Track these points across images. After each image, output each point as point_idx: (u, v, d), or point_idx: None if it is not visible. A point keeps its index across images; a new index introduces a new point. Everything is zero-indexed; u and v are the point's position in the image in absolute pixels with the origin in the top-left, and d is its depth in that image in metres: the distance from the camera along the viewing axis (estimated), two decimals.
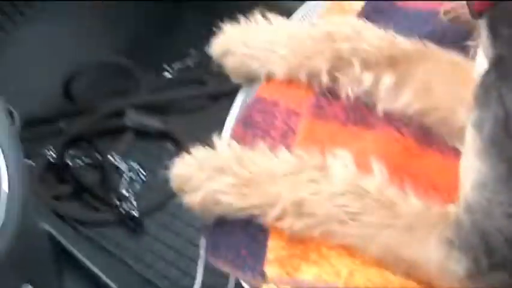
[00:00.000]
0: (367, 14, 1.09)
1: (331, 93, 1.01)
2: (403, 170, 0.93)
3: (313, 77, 1.00)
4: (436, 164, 0.94)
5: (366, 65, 0.97)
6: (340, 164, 0.87)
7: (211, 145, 0.93)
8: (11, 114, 1.12)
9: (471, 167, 0.76)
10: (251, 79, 1.05)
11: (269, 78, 1.03)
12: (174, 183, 0.91)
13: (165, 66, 1.85)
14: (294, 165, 0.88)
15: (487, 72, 0.75)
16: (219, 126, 1.08)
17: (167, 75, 1.84)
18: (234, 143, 0.94)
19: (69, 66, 1.80)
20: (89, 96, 1.80)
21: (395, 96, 0.97)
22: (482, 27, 0.77)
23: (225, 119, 1.06)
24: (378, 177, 0.86)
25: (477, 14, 0.76)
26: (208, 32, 1.11)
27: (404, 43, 0.98)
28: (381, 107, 0.98)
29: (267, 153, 0.91)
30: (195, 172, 0.90)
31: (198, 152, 0.93)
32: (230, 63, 1.05)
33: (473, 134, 0.76)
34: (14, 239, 0.95)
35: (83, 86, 1.79)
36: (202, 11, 1.97)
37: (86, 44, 1.91)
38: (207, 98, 1.75)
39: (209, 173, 0.89)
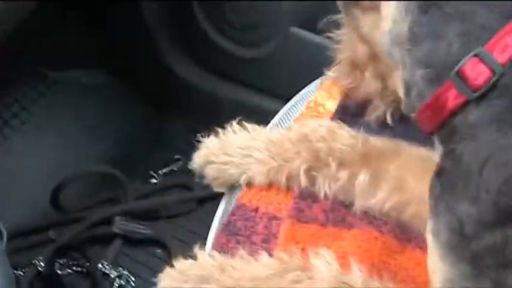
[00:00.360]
0: (340, 116, 1.14)
1: (310, 195, 1.04)
2: (384, 267, 0.95)
3: (292, 178, 1.04)
4: (415, 259, 0.96)
5: (342, 163, 1.01)
6: (323, 262, 0.89)
7: (195, 254, 0.96)
8: None
9: (436, 267, 0.79)
10: (232, 186, 1.08)
11: (249, 183, 1.06)
12: None
13: (151, 172, 1.88)
14: (277, 267, 0.90)
15: (433, 185, 0.80)
16: (206, 229, 1.10)
17: (153, 181, 1.87)
18: (215, 252, 0.97)
19: (56, 176, 1.82)
20: (77, 205, 1.82)
21: (371, 192, 1.00)
22: (435, 141, 0.83)
23: (212, 222, 1.09)
24: (358, 274, 0.88)
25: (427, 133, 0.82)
26: (191, 137, 1.16)
27: (376, 141, 1.03)
28: (358, 204, 1.01)
29: (249, 259, 0.93)
30: (180, 285, 0.92)
31: (182, 264, 0.96)
32: (211, 173, 1.08)
33: (432, 240, 0.79)
34: None
35: (70, 196, 1.81)
36: (185, 117, 2.02)
37: (73, 154, 1.94)
38: (193, 203, 1.78)
39: (193, 284, 0.91)
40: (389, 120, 1.06)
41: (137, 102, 2.13)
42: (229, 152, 1.07)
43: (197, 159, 1.10)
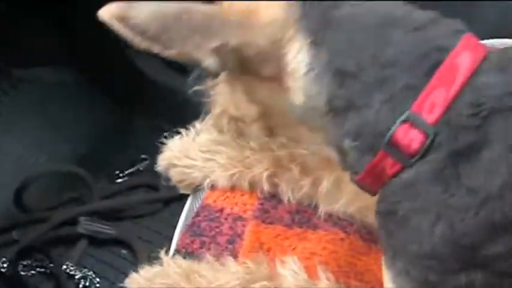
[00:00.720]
0: None
1: (275, 196, 1.03)
2: (350, 268, 0.95)
3: (255, 184, 1.03)
4: (381, 260, 0.96)
5: (304, 168, 1.00)
6: (290, 272, 0.89)
7: (160, 259, 0.95)
8: None
9: None
10: (197, 188, 1.07)
11: (213, 186, 1.06)
12: None
13: (117, 172, 1.86)
14: (243, 276, 0.89)
15: (380, 224, 0.78)
16: (172, 230, 1.09)
17: (119, 181, 1.85)
18: (179, 257, 0.96)
19: (20, 175, 1.80)
20: (41, 205, 1.79)
21: (335, 197, 0.99)
22: None
23: (177, 223, 1.08)
24: (326, 282, 0.87)
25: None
26: (158, 137, 1.15)
27: None
28: (322, 208, 1.00)
29: (214, 265, 0.92)
30: None
31: (147, 271, 0.95)
32: (175, 176, 1.08)
33: (385, 272, 0.79)
34: None
35: (34, 195, 1.79)
36: (152, 116, 2.00)
37: (37, 153, 1.92)
38: (159, 203, 1.76)
39: None
40: None
41: (103, 100, 2.11)
42: (191, 155, 1.07)
43: (161, 162, 1.10)
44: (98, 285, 1.65)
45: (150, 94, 2.02)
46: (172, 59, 0.77)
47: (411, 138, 0.71)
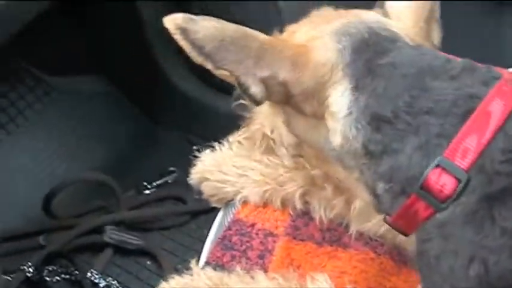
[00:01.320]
0: None
1: (307, 213, 1.04)
2: None
3: (287, 201, 1.04)
4: (411, 282, 0.96)
5: (337, 187, 1.01)
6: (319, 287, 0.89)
7: (190, 269, 0.95)
8: None
9: None
10: (228, 202, 1.08)
11: (245, 202, 1.06)
12: None
13: (145, 183, 1.87)
14: None
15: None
16: (198, 243, 1.10)
17: (147, 192, 1.86)
18: (209, 269, 0.96)
19: (50, 182, 1.82)
20: (69, 212, 1.81)
21: (366, 216, 0.99)
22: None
23: (204, 236, 1.09)
24: None
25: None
26: (186, 149, 1.15)
27: None
28: (354, 227, 1.01)
29: (244, 278, 0.93)
30: None
31: (177, 281, 0.95)
32: (207, 190, 1.09)
33: None
34: None
35: (63, 202, 1.80)
36: (180, 129, 2.02)
37: (67, 161, 1.94)
38: (187, 215, 1.77)
39: None
40: None
41: (133, 111, 2.13)
42: (224, 169, 1.08)
43: (194, 175, 1.10)
44: None
45: (181, 106, 2.03)
46: (220, 77, 0.80)
47: (443, 183, 0.72)
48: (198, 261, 1.02)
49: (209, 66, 0.77)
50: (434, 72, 0.76)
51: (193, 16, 0.77)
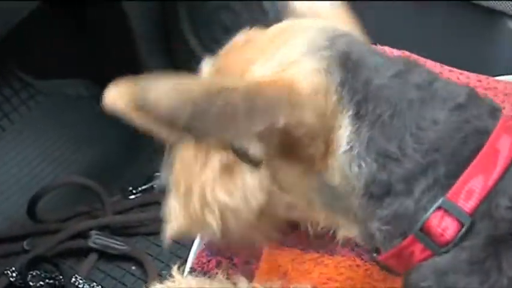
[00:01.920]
0: None
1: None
2: None
3: None
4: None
5: None
6: None
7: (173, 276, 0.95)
8: None
9: None
10: None
11: None
12: None
13: (130, 188, 1.86)
14: None
15: None
16: (184, 249, 1.09)
17: (132, 197, 1.85)
18: (190, 276, 0.95)
19: (34, 186, 1.81)
20: (54, 216, 1.79)
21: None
22: None
23: (189, 242, 1.08)
24: None
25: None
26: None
27: None
28: (340, 234, 1.00)
29: (225, 284, 0.92)
30: None
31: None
32: None
33: None
34: None
35: (48, 206, 1.79)
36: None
37: (52, 165, 1.93)
38: None
39: None
40: None
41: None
42: None
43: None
44: None
45: None
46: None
47: (445, 227, 0.67)
48: (183, 267, 1.01)
49: (190, 139, 0.65)
50: (438, 97, 0.69)
51: (141, 82, 0.63)
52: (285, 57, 0.69)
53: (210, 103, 0.61)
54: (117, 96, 0.63)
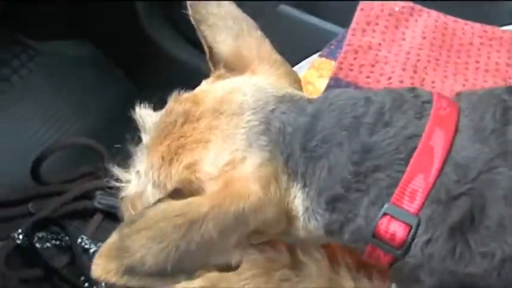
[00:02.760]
0: None
1: None
2: (370, 265, 0.94)
3: None
4: None
5: None
6: (312, 259, 0.88)
7: None
8: None
9: None
10: None
11: None
12: None
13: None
14: (264, 265, 0.88)
15: None
16: None
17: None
18: None
19: (37, 148, 1.80)
20: (58, 178, 1.79)
21: None
22: None
23: None
24: (345, 269, 0.87)
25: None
26: None
27: None
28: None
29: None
30: None
31: None
32: None
33: None
34: None
35: (51, 168, 1.79)
36: (166, 92, 1.99)
37: (54, 127, 1.93)
38: None
39: None
40: None
41: (119, 75, 2.11)
42: None
43: None
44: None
45: (167, 69, 2.02)
46: None
47: (393, 230, 0.72)
48: None
49: (183, 279, 0.69)
50: (367, 127, 0.75)
51: (118, 246, 0.66)
52: (229, 156, 0.75)
53: (188, 242, 0.66)
54: (104, 271, 0.65)
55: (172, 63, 1.97)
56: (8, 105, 1.94)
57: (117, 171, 0.94)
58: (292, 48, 1.31)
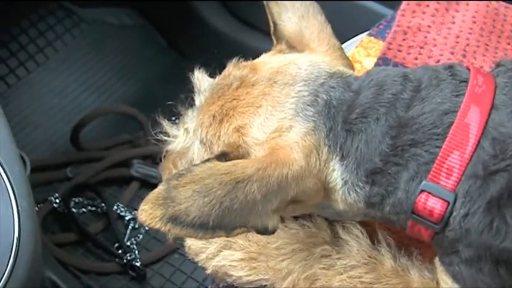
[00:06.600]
0: None
1: None
2: (412, 243, 0.93)
3: None
4: None
5: None
6: (353, 236, 0.88)
7: None
8: (23, 160, 1.12)
9: None
10: None
11: None
12: (189, 254, 0.91)
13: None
14: (304, 241, 0.88)
15: None
16: None
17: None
18: None
19: (78, 114, 1.82)
20: (96, 144, 1.81)
21: None
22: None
23: None
24: (389, 250, 0.87)
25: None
26: None
27: None
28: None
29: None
30: (205, 246, 0.90)
31: None
32: None
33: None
34: (22, 285, 0.96)
35: (91, 135, 1.81)
36: (209, 64, 2.00)
37: (95, 93, 1.94)
38: None
39: (218, 247, 0.89)
40: None
41: (163, 44, 2.11)
42: None
43: None
44: (147, 227, 1.66)
45: (211, 42, 2.01)
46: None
47: (431, 207, 0.73)
48: None
49: (221, 235, 0.70)
50: (404, 102, 0.75)
51: (165, 195, 0.68)
52: (277, 123, 0.77)
53: (231, 199, 0.68)
54: (150, 217, 0.68)
55: (217, 35, 1.97)
56: (51, 70, 1.94)
57: (166, 125, 0.94)
58: (341, 26, 1.30)
